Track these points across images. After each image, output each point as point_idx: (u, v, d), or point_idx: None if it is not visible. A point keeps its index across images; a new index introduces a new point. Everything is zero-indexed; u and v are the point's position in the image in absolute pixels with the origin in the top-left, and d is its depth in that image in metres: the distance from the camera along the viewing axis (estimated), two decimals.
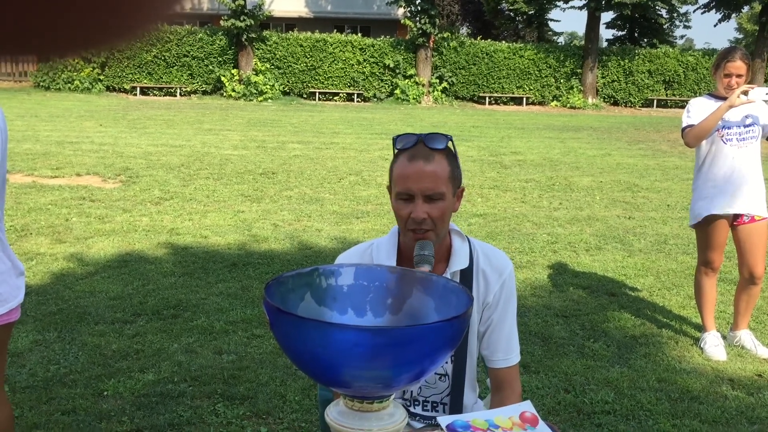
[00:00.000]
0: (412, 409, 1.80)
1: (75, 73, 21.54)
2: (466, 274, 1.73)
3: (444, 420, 1.48)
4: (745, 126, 3.67)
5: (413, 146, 1.63)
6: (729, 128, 3.67)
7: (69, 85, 21.36)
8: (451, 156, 1.66)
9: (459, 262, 1.73)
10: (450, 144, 1.66)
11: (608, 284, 4.92)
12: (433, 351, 1.01)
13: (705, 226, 3.77)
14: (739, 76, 3.60)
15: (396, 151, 1.68)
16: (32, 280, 4.49)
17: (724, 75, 3.62)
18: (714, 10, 25.04)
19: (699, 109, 3.69)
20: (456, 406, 1.78)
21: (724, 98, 3.61)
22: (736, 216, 3.73)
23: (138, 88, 22.05)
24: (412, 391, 1.79)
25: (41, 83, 21.40)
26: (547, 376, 3.42)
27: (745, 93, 3.54)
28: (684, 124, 3.73)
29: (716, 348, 3.77)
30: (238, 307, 4.18)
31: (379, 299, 1.20)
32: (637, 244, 6.04)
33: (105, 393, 3.09)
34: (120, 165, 8.88)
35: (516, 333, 1.79)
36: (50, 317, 3.92)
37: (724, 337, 3.92)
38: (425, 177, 1.59)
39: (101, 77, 22.04)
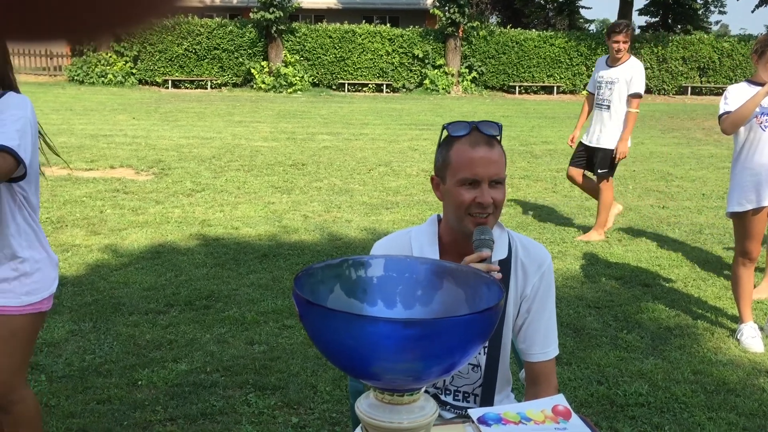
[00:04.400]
0: (443, 397, 1.78)
1: (108, 67, 21.81)
2: (504, 265, 1.72)
3: (475, 413, 1.46)
4: None
5: (469, 133, 1.65)
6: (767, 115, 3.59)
7: (102, 78, 21.64)
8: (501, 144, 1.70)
9: (498, 252, 1.71)
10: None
11: (642, 275, 4.85)
12: (464, 343, 0.99)
13: (742, 216, 3.69)
14: None
15: (447, 138, 1.69)
16: (68, 272, 4.57)
17: None
18: None
19: (737, 96, 3.60)
20: (487, 398, 1.76)
21: (764, 84, 3.52)
22: None
23: (170, 81, 22.26)
24: (444, 380, 1.78)
25: (75, 77, 21.71)
26: (579, 368, 3.39)
27: None
28: (721, 111, 3.65)
29: (753, 339, 3.69)
30: (269, 297, 4.21)
31: (409, 291, 1.18)
32: (671, 233, 5.94)
33: (139, 383, 3.14)
34: (152, 157, 8.99)
35: (554, 326, 1.75)
36: (86, 308, 3.98)
37: (761, 329, 3.84)
38: (491, 162, 1.63)
39: (134, 71, 22.28)
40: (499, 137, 1.67)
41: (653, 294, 4.48)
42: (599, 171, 5.54)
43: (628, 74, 5.42)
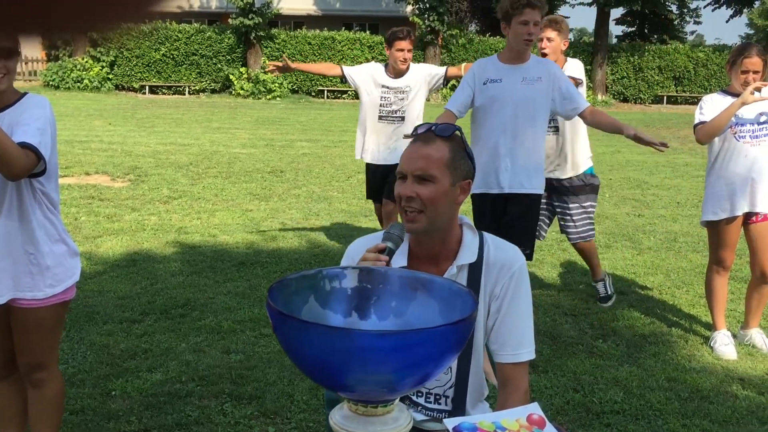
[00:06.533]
0: (414, 398, 1.79)
1: (84, 72, 21.61)
2: (475, 268, 1.72)
3: (450, 422, 1.47)
4: (759, 123, 3.64)
5: (423, 133, 1.69)
6: (743, 125, 3.64)
7: (78, 84, 21.44)
8: (457, 146, 1.69)
9: (466, 256, 1.71)
10: (458, 134, 1.69)
11: (617, 283, 4.88)
12: (438, 355, 0.99)
13: (717, 225, 3.74)
14: (755, 72, 3.55)
15: None
16: None
17: (741, 72, 3.58)
18: (725, 6, 24.88)
19: (712, 106, 3.65)
20: (459, 401, 1.76)
21: (739, 95, 3.57)
22: (749, 214, 3.69)
23: (147, 87, 22.11)
24: None
25: (51, 82, 21.48)
26: (555, 376, 3.40)
27: (759, 90, 3.50)
28: (696, 121, 3.70)
29: (726, 347, 3.74)
30: (246, 306, 4.18)
31: (383, 302, 1.18)
32: (646, 242, 6.00)
33: (113, 393, 3.10)
34: (129, 164, 8.91)
35: (529, 330, 1.75)
36: None
37: (734, 336, 3.89)
38: (417, 158, 1.64)
39: (110, 76, 22.10)
40: (450, 138, 1.67)
41: (628, 302, 4.52)
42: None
43: (421, 76, 4.87)
